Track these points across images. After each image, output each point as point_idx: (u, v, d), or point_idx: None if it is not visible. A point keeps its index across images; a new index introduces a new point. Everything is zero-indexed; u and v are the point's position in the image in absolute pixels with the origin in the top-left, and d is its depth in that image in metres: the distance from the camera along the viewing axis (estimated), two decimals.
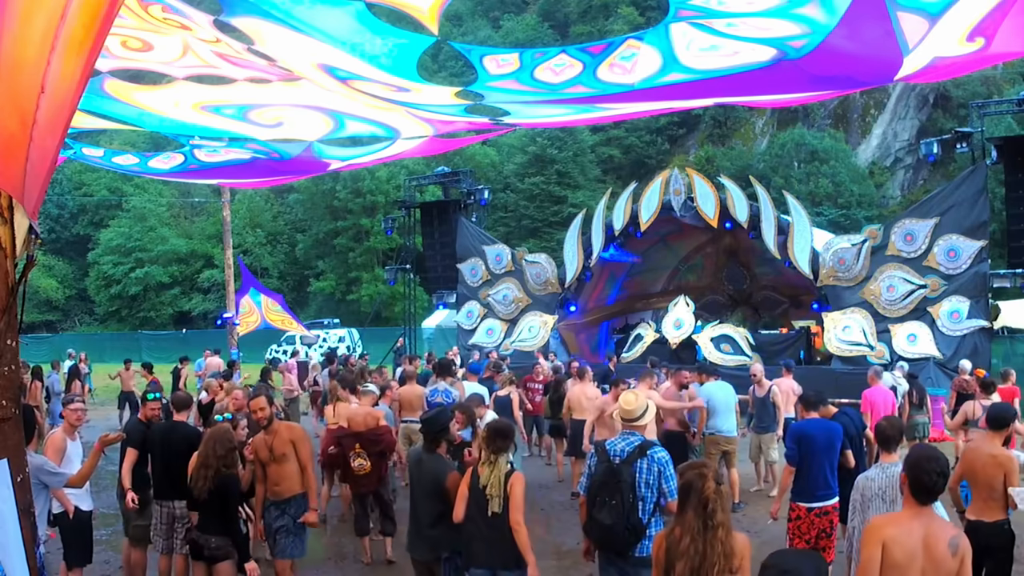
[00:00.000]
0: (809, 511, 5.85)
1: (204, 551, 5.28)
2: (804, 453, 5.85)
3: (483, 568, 4.59)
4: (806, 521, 5.86)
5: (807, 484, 5.84)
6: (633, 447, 4.61)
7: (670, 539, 3.35)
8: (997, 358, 16.83)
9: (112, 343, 37.08)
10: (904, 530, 3.19)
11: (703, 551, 3.21)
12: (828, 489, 5.85)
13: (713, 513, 3.25)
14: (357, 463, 7.10)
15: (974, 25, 5.80)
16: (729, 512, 3.32)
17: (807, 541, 5.84)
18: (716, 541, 3.22)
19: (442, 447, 5.10)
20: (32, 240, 3.02)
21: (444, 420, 5.34)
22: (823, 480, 5.82)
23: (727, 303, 21.26)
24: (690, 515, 3.30)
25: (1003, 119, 27.89)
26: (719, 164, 39.00)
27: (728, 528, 3.28)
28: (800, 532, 5.90)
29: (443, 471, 4.94)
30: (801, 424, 6.21)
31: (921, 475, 3.23)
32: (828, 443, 5.86)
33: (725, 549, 3.24)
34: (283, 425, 5.90)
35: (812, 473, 5.82)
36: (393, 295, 37.14)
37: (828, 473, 5.83)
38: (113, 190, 50.04)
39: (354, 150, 11.47)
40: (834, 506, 5.88)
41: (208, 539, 5.25)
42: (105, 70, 7.32)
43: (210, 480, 5.13)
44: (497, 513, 4.48)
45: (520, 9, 58.08)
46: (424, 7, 6.13)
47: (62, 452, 5.80)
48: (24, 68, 2.69)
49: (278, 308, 16.93)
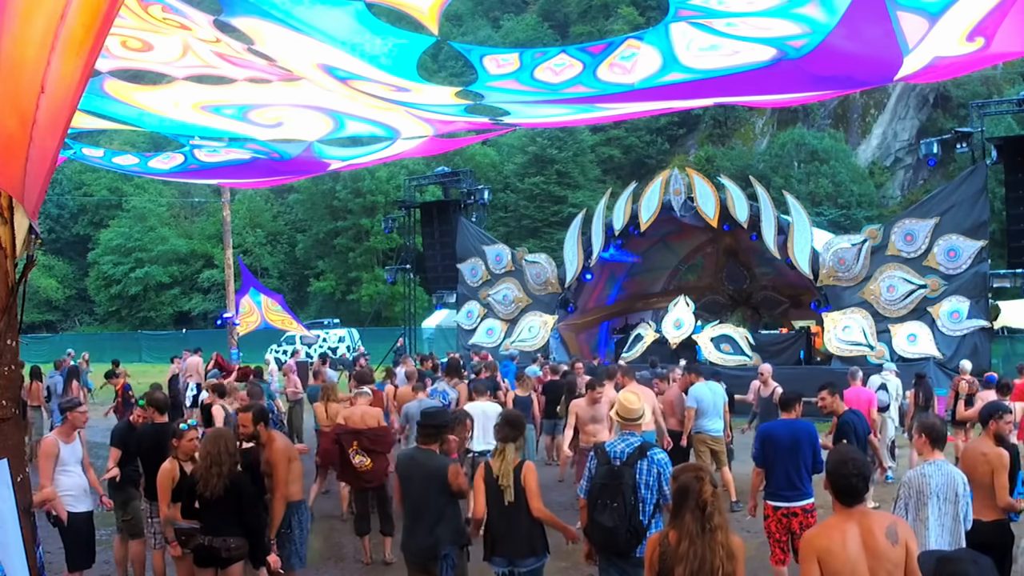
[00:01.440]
0: (775, 510, 5.87)
1: (222, 553, 5.08)
2: (768, 453, 5.90)
3: (502, 558, 4.70)
4: (774, 520, 5.88)
5: (773, 484, 5.89)
6: (633, 448, 4.61)
7: (664, 543, 3.33)
8: (997, 358, 16.84)
9: (112, 343, 37.08)
10: (837, 538, 3.15)
11: (702, 554, 3.19)
12: (794, 490, 5.82)
13: (711, 516, 3.25)
14: (357, 460, 7.12)
15: (974, 25, 5.80)
16: (725, 514, 3.32)
17: (778, 540, 5.87)
18: (716, 544, 3.21)
19: (435, 445, 5.08)
20: (32, 240, 3.02)
21: (445, 419, 5.33)
22: (787, 481, 5.81)
23: (727, 303, 21.26)
24: (688, 518, 3.28)
25: (1003, 119, 27.91)
26: (719, 164, 38.98)
27: (727, 530, 3.28)
28: (771, 532, 5.93)
29: (442, 464, 4.91)
30: (767, 425, 6.31)
31: (839, 479, 3.22)
32: (793, 444, 5.85)
33: (727, 551, 3.23)
34: (271, 442, 5.73)
35: (776, 473, 5.85)
36: (393, 295, 37.14)
37: (794, 474, 5.81)
38: (113, 190, 50.05)
39: (354, 150, 11.47)
40: (804, 508, 5.84)
41: (226, 541, 5.07)
42: (105, 70, 7.31)
43: (224, 478, 5.01)
44: (512, 503, 4.58)
45: (520, 9, 58.08)
46: (424, 7, 6.13)
47: (54, 457, 5.78)
48: (24, 68, 2.69)
49: (278, 308, 16.91)
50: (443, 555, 4.82)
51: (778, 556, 5.91)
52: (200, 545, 5.14)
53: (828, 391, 6.76)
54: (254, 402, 6.78)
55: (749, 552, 7.55)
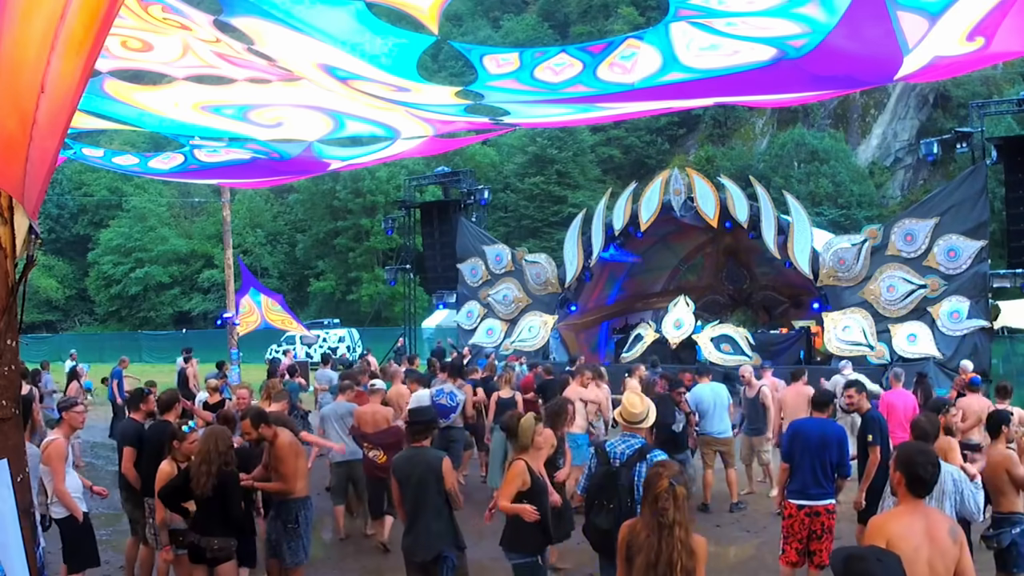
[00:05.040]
0: (799, 509, 5.82)
1: (207, 553, 5.13)
2: (797, 450, 5.89)
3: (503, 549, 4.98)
4: (797, 520, 5.83)
5: (799, 482, 5.86)
6: (633, 450, 4.61)
7: (632, 531, 3.44)
8: (997, 358, 16.84)
9: (112, 343, 37.07)
10: (906, 525, 3.25)
11: (658, 547, 3.27)
12: (820, 488, 5.80)
13: (664, 511, 3.30)
14: (372, 454, 7.62)
15: (974, 25, 5.79)
16: (686, 511, 3.36)
17: (799, 541, 5.81)
18: (674, 539, 3.27)
19: (427, 441, 5.11)
20: (32, 240, 3.01)
21: (431, 415, 5.47)
22: (814, 479, 5.80)
23: (727, 303, 21.27)
24: (646, 511, 3.39)
25: (1003, 119, 27.89)
26: (719, 164, 38.99)
27: (686, 527, 3.32)
28: (792, 532, 5.86)
29: (436, 458, 4.94)
30: (799, 422, 6.31)
31: (917, 469, 3.29)
32: (821, 442, 5.85)
33: (686, 548, 3.28)
34: (276, 439, 5.77)
35: (804, 471, 5.83)
36: (393, 295, 37.14)
37: (820, 473, 5.81)
38: (113, 190, 50.04)
39: (354, 150, 11.45)
40: (827, 508, 5.82)
41: (210, 541, 5.12)
42: (105, 70, 7.30)
43: (212, 476, 5.03)
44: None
45: (520, 9, 58.09)
46: (424, 7, 6.12)
47: (65, 459, 5.78)
48: (24, 68, 2.69)
49: (278, 308, 16.92)
50: (443, 556, 4.81)
51: (791, 557, 5.84)
52: (191, 543, 5.21)
53: (855, 389, 6.89)
54: (250, 407, 6.81)
55: (748, 552, 7.59)
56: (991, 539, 5.46)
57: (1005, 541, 5.38)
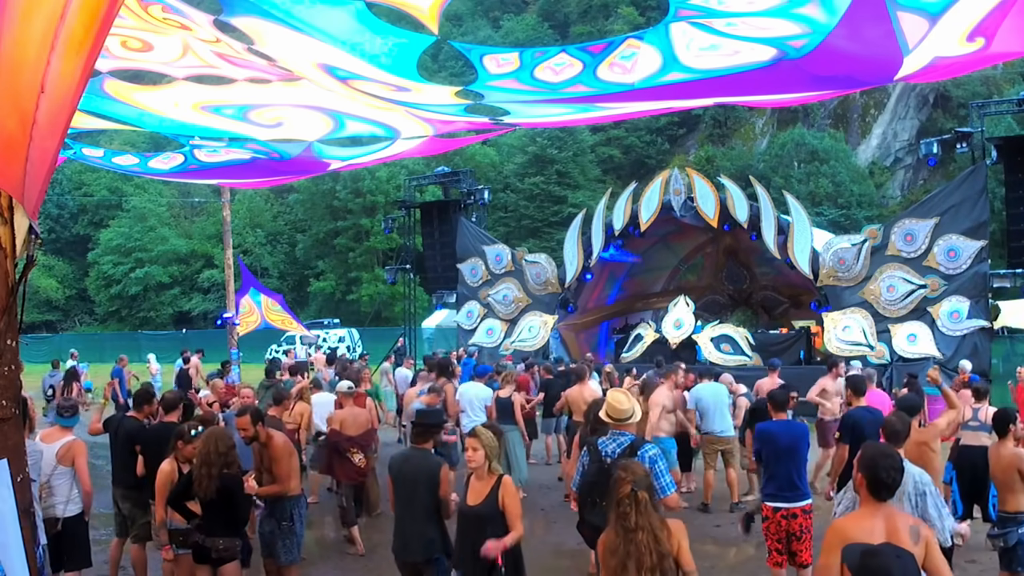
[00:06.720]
0: (776, 511, 5.82)
1: (212, 553, 5.12)
2: (768, 454, 5.89)
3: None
4: (773, 522, 5.83)
5: (774, 485, 5.86)
6: (623, 447, 4.61)
7: (608, 535, 3.47)
8: (997, 358, 16.84)
9: (112, 343, 37.06)
10: (866, 529, 3.22)
11: (626, 549, 3.31)
12: (795, 490, 5.80)
13: (625, 515, 3.34)
14: (357, 458, 7.69)
15: (974, 25, 5.79)
16: (651, 515, 3.38)
17: (779, 542, 5.82)
18: (638, 543, 3.30)
19: (429, 443, 5.07)
20: (32, 240, 3.01)
21: (437, 417, 5.40)
22: (789, 481, 5.79)
23: (727, 303, 21.27)
24: (612, 516, 3.44)
25: (1003, 119, 27.89)
26: (719, 164, 39.00)
27: (649, 531, 3.34)
28: (770, 533, 5.88)
29: (436, 463, 4.88)
30: (765, 425, 6.23)
31: (879, 472, 3.28)
32: (791, 444, 5.85)
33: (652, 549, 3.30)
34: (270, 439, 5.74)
35: (778, 474, 5.82)
36: (393, 295, 37.13)
37: (794, 474, 5.80)
38: (113, 190, 50.06)
39: (354, 150, 11.45)
40: (803, 508, 5.81)
41: (215, 541, 5.11)
42: (105, 70, 7.30)
43: (215, 479, 5.02)
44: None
45: (520, 9, 58.10)
46: (424, 6, 6.12)
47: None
48: (24, 68, 2.69)
49: (278, 308, 16.91)
50: (434, 559, 4.79)
51: (775, 559, 5.88)
52: (196, 543, 5.20)
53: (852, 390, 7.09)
54: (247, 404, 6.81)
55: (748, 552, 7.60)
56: (997, 538, 5.44)
57: (1011, 540, 5.37)
